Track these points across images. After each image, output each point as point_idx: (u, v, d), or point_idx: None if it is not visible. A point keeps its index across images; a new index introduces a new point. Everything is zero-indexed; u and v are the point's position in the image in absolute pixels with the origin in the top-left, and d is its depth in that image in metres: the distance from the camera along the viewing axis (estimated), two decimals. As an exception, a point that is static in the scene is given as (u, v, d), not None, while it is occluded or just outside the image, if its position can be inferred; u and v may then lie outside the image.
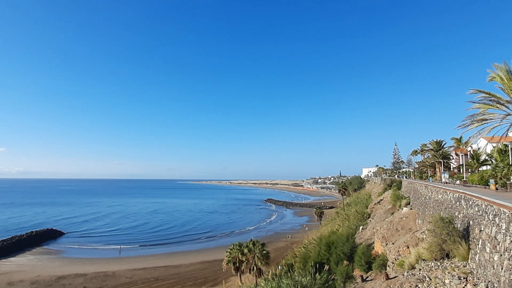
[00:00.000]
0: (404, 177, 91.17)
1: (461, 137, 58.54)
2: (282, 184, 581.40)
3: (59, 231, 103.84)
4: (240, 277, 43.47)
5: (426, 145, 79.72)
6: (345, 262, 31.22)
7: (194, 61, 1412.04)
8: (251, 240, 43.94)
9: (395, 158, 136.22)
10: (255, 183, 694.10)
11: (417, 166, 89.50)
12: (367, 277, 25.40)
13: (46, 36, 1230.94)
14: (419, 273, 16.04)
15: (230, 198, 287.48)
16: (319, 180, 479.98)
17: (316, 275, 24.25)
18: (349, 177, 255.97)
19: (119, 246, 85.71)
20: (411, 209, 38.92)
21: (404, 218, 35.05)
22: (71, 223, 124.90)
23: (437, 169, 58.98)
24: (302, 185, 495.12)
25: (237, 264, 41.93)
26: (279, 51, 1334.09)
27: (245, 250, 41.46)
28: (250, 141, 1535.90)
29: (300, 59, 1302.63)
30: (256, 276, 40.15)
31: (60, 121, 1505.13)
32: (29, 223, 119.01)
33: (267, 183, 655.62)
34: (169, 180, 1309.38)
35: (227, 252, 43.73)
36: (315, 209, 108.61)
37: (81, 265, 67.25)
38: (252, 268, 40.94)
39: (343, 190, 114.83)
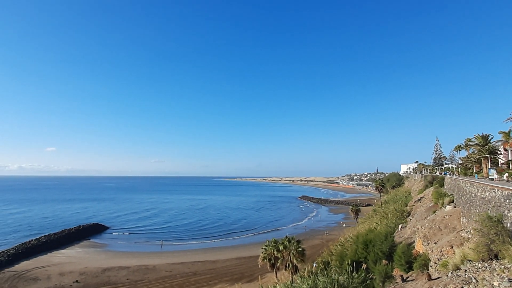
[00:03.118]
0: (447, 173, 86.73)
1: (510, 131, 54.49)
2: (317, 181, 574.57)
3: (104, 226, 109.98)
4: (276, 274, 43.67)
5: (470, 139, 75.13)
6: (383, 261, 30.32)
7: (229, 64, 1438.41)
8: (286, 237, 43.99)
9: (436, 153, 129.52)
10: (290, 180, 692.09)
11: (461, 162, 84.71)
12: (408, 277, 24.54)
13: (90, 47, 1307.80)
14: (465, 274, 15.26)
15: (265, 195, 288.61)
16: (355, 177, 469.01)
17: (354, 273, 23.85)
18: (386, 174, 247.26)
19: (160, 241, 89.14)
20: (455, 207, 37.00)
21: (447, 217, 33.41)
22: (115, 218, 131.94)
23: (483, 165, 55.50)
24: (337, 182, 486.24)
25: (273, 261, 42.19)
26: (316, 54, 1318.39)
27: (281, 247, 41.60)
28: (284, 138, 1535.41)
29: (334, 59, 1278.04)
30: (291, 273, 40.18)
31: (103, 123, 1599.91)
32: (77, 218, 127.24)
33: (301, 180, 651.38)
34: (205, 177, 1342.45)
35: (262, 248, 44.10)
36: (351, 207, 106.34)
37: (124, 258, 70.72)
38: (287, 265, 41.02)
39: (381, 187, 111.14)
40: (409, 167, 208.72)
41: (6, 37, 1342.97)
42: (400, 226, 49.31)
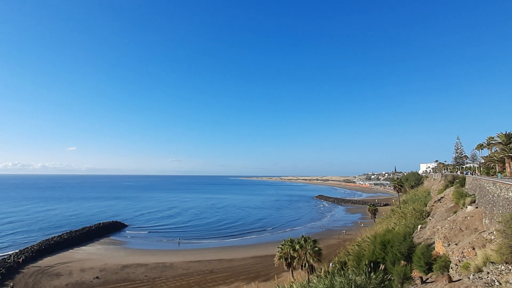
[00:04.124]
0: (468, 173, 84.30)
1: (536, 129, 52.47)
2: (333, 181, 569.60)
3: (122, 223, 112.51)
4: (292, 273, 43.56)
5: (493, 138, 72.70)
6: (402, 262, 29.77)
7: (245, 66, 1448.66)
8: (303, 236, 43.75)
9: (457, 152, 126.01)
10: (306, 179, 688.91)
11: (483, 161, 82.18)
12: (427, 278, 24.02)
13: (109, 53, 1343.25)
14: (487, 277, 14.84)
15: (280, 194, 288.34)
16: (372, 177, 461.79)
17: (371, 274, 23.54)
18: (405, 173, 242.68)
19: (178, 239, 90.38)
20: (476, 207, 35.95)
21: (468, 217, 32.51)
22: (139, 217, 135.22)
23: (507, 164, 53.63)
24: (354, 182, 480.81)
25: (289, 260, 42.06)
26: (333, 54, 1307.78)
27: (297, 246, 41.42)
28: (300, 137, 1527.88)
29: (351, 58, 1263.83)
30: (308, 272, 39.94)
31: (122, 123, 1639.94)
32: (101, 216, 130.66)
33: (317, 179, 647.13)
34: (221, 176, 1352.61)
35: (278, 247, 44.03)
36: (368, 206, 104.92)
37: (142, 255, 72.09)
38: (304, 264, 40.79)
39: (399, 186, 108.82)
40: (429, 166, 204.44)
41: (30, 43, 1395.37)
42: (419, 226, 48.30)
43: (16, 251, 71.33)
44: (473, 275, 16.32)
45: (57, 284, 53.11)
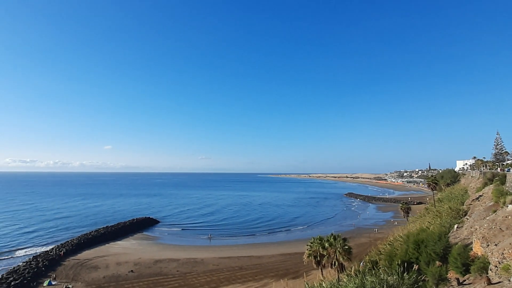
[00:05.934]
0: (510, 170, 79.66)
1: None
2: (364, 178, 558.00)
3: (155, 220, 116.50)
4: (322, 271, 43.22)
5: (538, 132, 68.23)
6: (437, 262, 28.72)
7: (270, 63, 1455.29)
8: (332, 234, 43.26)
9: (497, 149, 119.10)
10: (335, 177, 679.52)
11: (526, 157, 77.38)
12: (464, 280, 23.06)
13: (131, 53, 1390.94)
14: (530, 280, 14.07)
15: (311, 192, 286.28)
16: (405, 174, 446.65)
17: (404, 274, 22.94)
18: (440, 170, 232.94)
19: (209, 235, 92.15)
20: (518, 206, 33.99)
21: (509, 217, 30.78)
22: (174, 213, 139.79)
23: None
24: (385, 179, 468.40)
25: (318, 258, 41.73)
26: (365, 46, 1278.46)
27: (326, 244, 41.00)
28: (329, 133, 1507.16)
29: (383, 52, 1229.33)
30: (338, 271, 39.49)
31: (154, 122, 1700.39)
32: (131, 212, 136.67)
33: (347, 177, 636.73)
34: (250, 173, 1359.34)
35: (307, 245, 43.80)
36: (401, 205, 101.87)
37: (174, 251, 74.20)
38: (333, 263, 40.35)
39: (434, 184, 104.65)
40: (466, 163, 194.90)
41: (65, 44, 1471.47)
42: (455, 226, 46.32)
43: (58, 244, 75.74)
44: (514, 277, 15.54)
45: (95, 276, 55.84)
